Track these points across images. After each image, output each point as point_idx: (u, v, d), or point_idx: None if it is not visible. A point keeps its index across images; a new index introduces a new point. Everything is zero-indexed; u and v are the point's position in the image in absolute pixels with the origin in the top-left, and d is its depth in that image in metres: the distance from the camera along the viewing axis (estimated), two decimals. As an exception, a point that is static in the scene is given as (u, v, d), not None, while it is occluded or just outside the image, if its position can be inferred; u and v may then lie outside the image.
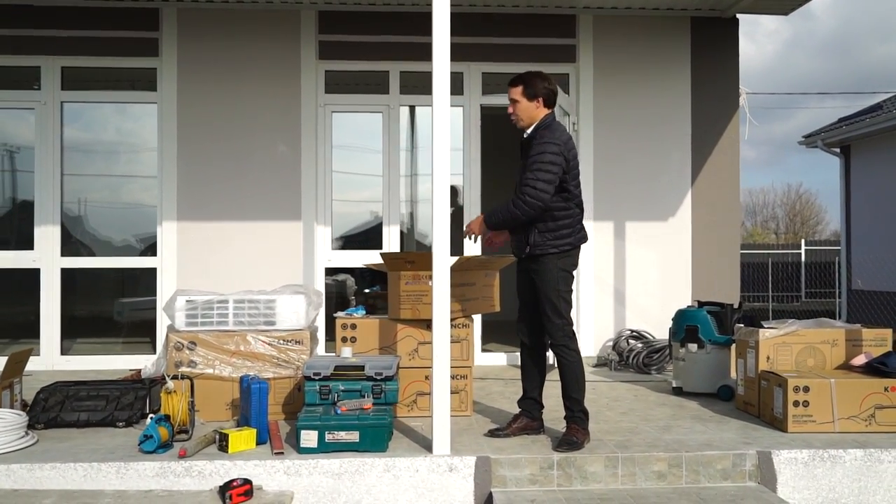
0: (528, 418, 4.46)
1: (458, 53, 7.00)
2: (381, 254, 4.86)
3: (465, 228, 4.46)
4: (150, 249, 7.06)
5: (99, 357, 7.01)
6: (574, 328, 4.36)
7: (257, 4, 6.99)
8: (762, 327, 4.98)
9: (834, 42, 73.88)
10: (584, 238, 4.37)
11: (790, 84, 69.29)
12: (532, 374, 4.51)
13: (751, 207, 39.30)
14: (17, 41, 6.93)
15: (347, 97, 7.24)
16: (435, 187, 3.98)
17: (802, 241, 24.42)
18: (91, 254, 7.21)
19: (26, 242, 6.96)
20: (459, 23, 6.96)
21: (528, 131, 4.36)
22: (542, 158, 4.17)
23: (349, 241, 7.39)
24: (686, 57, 7.35)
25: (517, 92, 4.35)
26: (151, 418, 4.06)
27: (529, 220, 4.21)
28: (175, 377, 4.40)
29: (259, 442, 4.15)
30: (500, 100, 7.37)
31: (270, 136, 7.04)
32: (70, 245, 7.07)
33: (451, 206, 4.16)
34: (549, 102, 4.36)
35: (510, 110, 4.39)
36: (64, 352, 7.00)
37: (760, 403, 4.78)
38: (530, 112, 4.34)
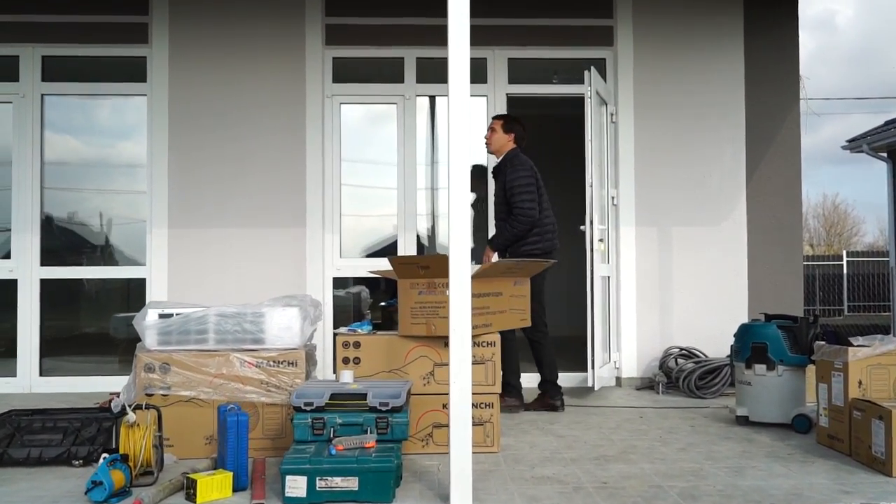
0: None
1: (480, 37, 6.22)
2: (390, 259, 4.06)
3: (483, 260, 5.17)
4: (140, 258, 6.34)
5: (87, 378, 6.27)
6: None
7: (257, -15, 6.29)
8: (850, 345, 4.12)
9: (857, 55, 72.66)
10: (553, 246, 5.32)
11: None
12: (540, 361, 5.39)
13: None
14: (-6, 28, 6.28)
15: (358, 87, 6.45)
16: (451, 176, 3.20)
17: (844, 252, 23.23)
18: (74, 264, 6.48)
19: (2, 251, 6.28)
20: (482, 2, 6.29)
21: (499, 160, 5.40)
22: (518, 182, 5.14)
23: (360, 248, 6.62)
24: (738, 41, 6.51)
25: (497, 124, 5.37)
26: (104, 459, 3.29)
27: (523, 234, 5.17)
28: (139, 406, 3.63)
29: (237, 488, 3.36)
30: (528, 88, 6.61)
31: (272, 131, 6.30)
32: (51, 254, 6.37)
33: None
34: (519, 140, 5.37)
35: (486, 135, 5.43)
36: (44, 372, 6.30)
37: (853, 439, 3.91)
38: (502, 142, 5.36)
